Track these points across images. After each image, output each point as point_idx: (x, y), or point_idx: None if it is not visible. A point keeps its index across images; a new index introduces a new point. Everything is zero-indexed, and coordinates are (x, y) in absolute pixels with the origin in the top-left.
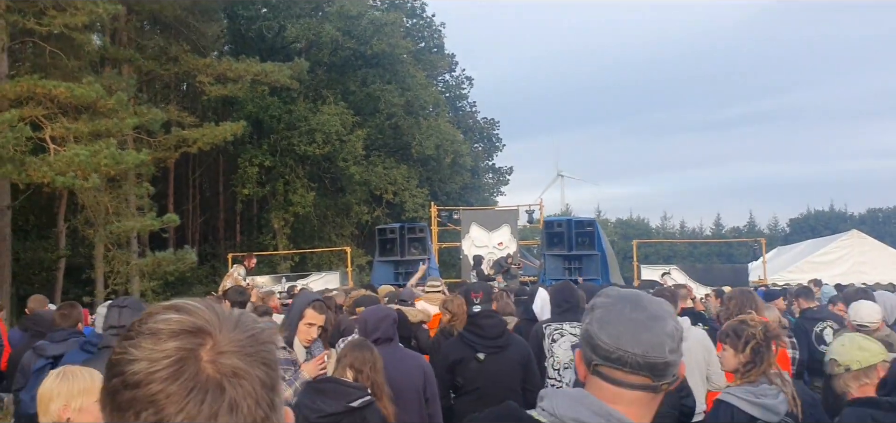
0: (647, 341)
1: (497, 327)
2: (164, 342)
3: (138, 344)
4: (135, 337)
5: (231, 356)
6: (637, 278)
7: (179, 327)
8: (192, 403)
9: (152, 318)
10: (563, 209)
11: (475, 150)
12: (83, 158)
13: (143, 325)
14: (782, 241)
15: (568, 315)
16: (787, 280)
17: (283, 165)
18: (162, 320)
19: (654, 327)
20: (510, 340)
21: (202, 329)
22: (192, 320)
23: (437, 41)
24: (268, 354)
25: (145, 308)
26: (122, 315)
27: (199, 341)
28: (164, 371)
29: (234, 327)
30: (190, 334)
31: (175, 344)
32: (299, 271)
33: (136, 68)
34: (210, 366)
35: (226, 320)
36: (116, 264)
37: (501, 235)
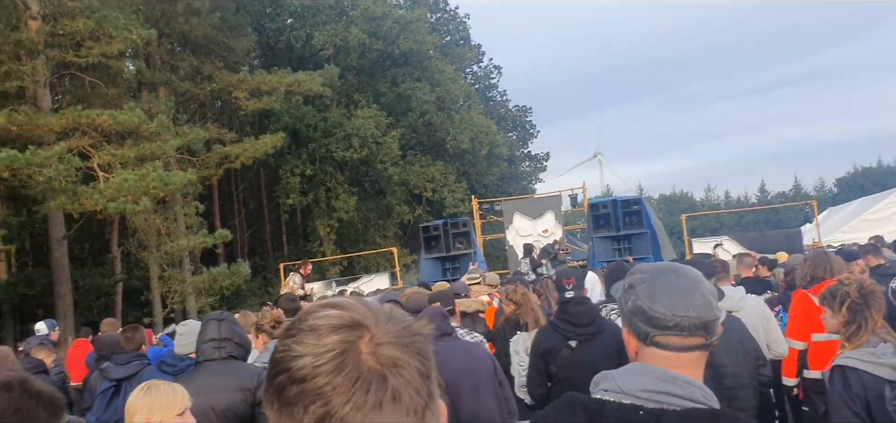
0: (699, 303)
1: (588, 314)
2: (326, 337)
3: (301, 341)
4: (296, 334)
5: (389, 347)
6: (689, 253)
7: (338, 321)
8: (357, 393)
9: (312, 315)
10: (604, 191)
11: (509, 139)
12: (132, 183)
13: (302, 322)
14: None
15: None
16: (841, 241)
17: (323, 173)
18: (321, 317)
19: (699, 288)
20: (603, 325)
21: (359, 323)
22: (349, 315)
23: (463, 33)
24: (421, 344)
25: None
26: (222, 328)
27: (357, 334)
28: (328, 365)
29: (388, 320)
30: (348, 327)
31: (336, 338)
32: (348, 275)
33: (172, 90)
34: (370, 357)
35: (380, 314)
36: (172, 283)
37: (546, 222)
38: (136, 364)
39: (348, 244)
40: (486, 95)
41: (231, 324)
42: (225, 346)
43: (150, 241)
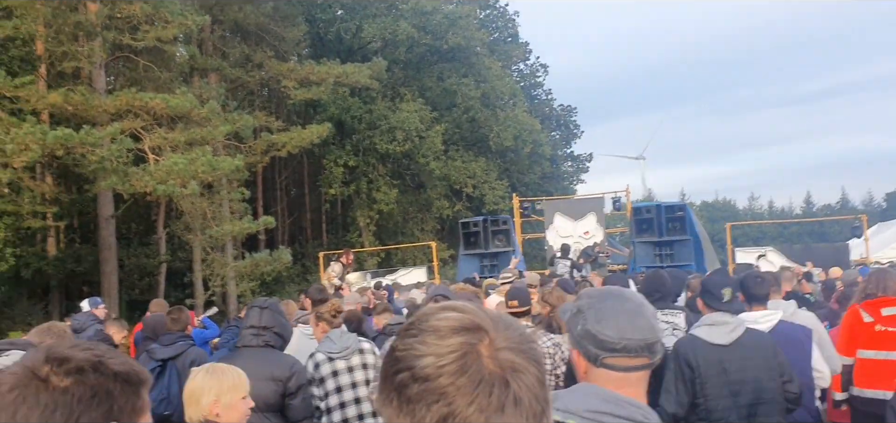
0: (644, 326)
1: None
2: (448, 338)
3: (424, 340)
4: (418, 334)
5: (508, 352)
6: (732, 262)
7: (459, 324)
8: (481, 395)
9: (433, 316)
10: (646, 194)
11: (553, 138)
12: (181, 167)
13: (423, 323)
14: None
15: (660, 303)
16: (890, 258)
17: (366, 164)
18: (442, 318)
19: (643, 312)
20: None
21: (480, 326)
22: (470, 318)
23: (512, 31)
24: (537, 353)
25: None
26: (263, 316)
27: (478, 337)
28: (452, 365)
29: (506, 327)
30: (469, 330)
31: (458, 340)
32: (385, 267)
33: (223, 76)
34: (491, 361)
35: (498, 320)
36: (215, 267)
37: (587, 223)
38: (181, 344)
39: (387, 236)
40: (531, 93)
41: (273, 313)
42: (264, 334)
43: (196, 224)
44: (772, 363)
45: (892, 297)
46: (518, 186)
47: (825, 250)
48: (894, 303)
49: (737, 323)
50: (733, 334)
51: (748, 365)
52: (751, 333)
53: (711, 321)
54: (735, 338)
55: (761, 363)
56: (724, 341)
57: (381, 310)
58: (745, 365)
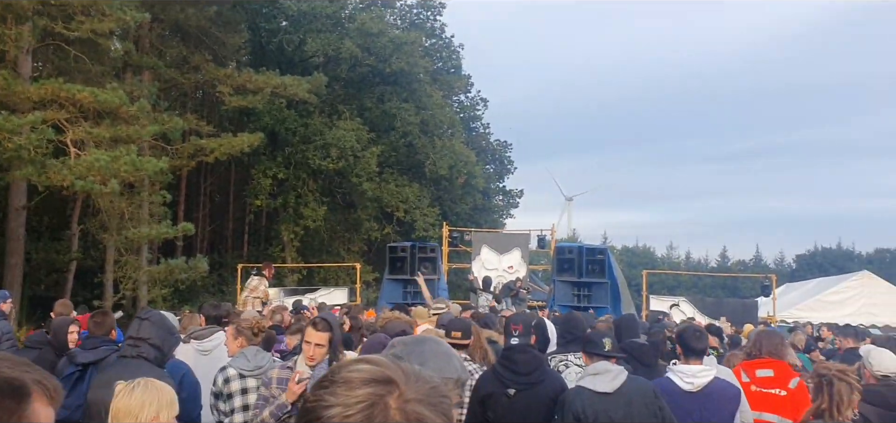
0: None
1: (530, 363)
2: (357, 389)
3: (334, 392)
4: (329, 386)
5: (416, 404)
6: (646, 308)
7: (370, 375)
8: None
9: (346, 368)
10: (570, 234)
11: (487, 171)
12: (104, 164)
13: (335, 375)
14: (788, 277)
15: (573, 346)
16: (795, 318)
17: (296, 178)
18: (354, 370)
19: (453, 355)
20: (544, 375)
21: (390, 379)
22: (381, 370)
23: (455, 62)
24: (447, 406)
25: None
26: (142, 328)
27: (388, 389)
28: (357, 415)
29: (417, 380)
30: (379, 382)
31: (366, 391)
32: (307, 285)
33: (157, 76)
34: (398, 413)
35: (410, 372)
36: (128, 269)
37: (512, 258)
38: (104, 349)
39: (311, 254)
40: (470, 125)
41: (153, 325)
42: (139, 346)
43: (112, 224)
44: (653, 409)
45: (767, 358)
46: (449, 215)
47: (735, 305)
48: (768, 365)
49: (618, 371)
50: (615, 382)
51: (632, 411)
52: (632, 380)
53: (595, 371)
54: (617, 386)
55: (643, 410)
56: (608, 390)
57: (295, 330)
58: (629, 411)
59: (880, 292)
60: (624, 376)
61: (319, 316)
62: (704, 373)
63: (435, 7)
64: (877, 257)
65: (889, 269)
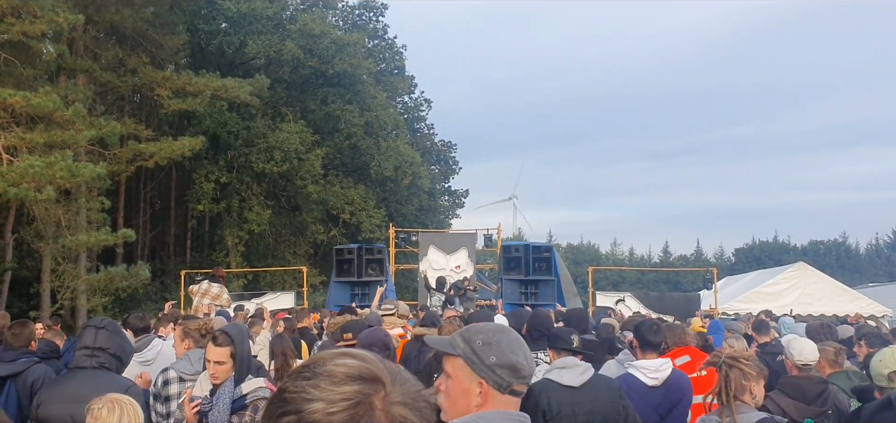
0: (530, 357)
1: None
2: (342, 385)
3: (317, 385)
4: (311, 377)
5: (401, 407)
6: (592, 304)
7: (357, 372)
8: None
9: (330, 361)
10: (516, 233)
11: (432, 172)
12: (38, 170)
13: (318, 366)
14: (728, 270)
15: (541, 343)
16: (736, 310)
17: (239, 182)
18: (340, 364)
19: (524, 342)
20: None
21: (377, 378)
22: (368, 368)
23: (398, 63)
24: (429, 411)
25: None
26: (99, 337)
27: (374, 388)
28: (342, 414)
29: (403, 382)
30: (366, 380)
31: (352, 388)
32: (252, 289)
33: (93, 79)
34: (383, 414)
35: (396, 373)
36: (66, 278)
37: (459, 258)
38: (23, 361)
39: (256, 258)
40: (414, 126)
41: (110, 334)
42: (99, 356)
43: (48, 232)
44: (617, 406)
45: (683, 347)
46: (395, 216)
47: (678, 299)
48: (684, 352)
49: (585, 367)
50: (583, 376)
51: (597, 408)
52: (599, 376)
53: (563, 365)
54: (584, 381)
55: (608, 407)
56: (575, 384)
57: None
58: (595, 407)
59: (815, 282)
60: (591, 371)
61: (220, 329)
62: (665, 367)
63: (377, 8)
64: (811, 249)
65: (823, 260)
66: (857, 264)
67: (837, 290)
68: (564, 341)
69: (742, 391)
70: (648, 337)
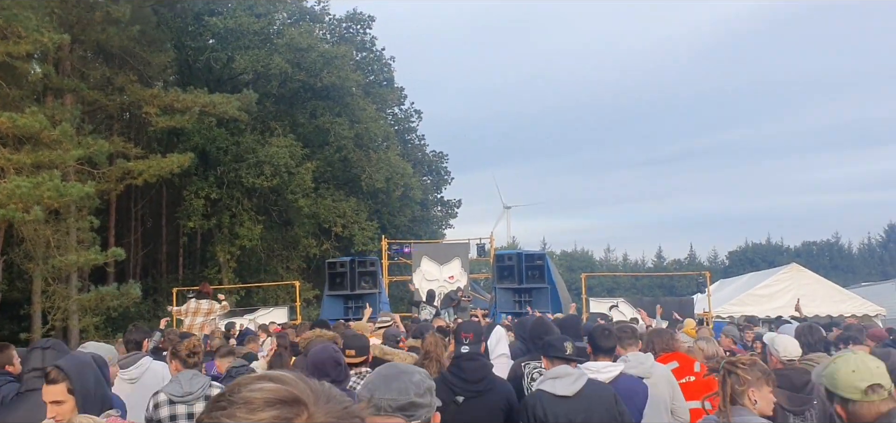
0: (397, 388)
1: (479, 371)
2: (260, 412)
3: (232, 414)
4: (227, 407)
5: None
6: (586, 311)
7: (275, 396)
8: None
9: (246, 387)
10: (510, 242)
11: (424, 183)
12: (25, 191)
13: (234, 394)
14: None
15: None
16: (729, 313)
17: (229, 198)
18: (256, 389)
19: (402, 378)
20: (493, 384)
21: (298, 399)
22: (287, 390)
23: (387, 75)
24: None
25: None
26: (46, 357)
27: (294, 411)
28: None
29: (327, 400)
30: (286, 403)
31: (271, 414)
32: (245, 305)
33: (80, 98)
34: None
35: (320, 391)
36: (56, 299)
37: (452, 268)
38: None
39: (249, 274)
40: (405, 137)
41: (57, 353)
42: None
43: (38, 253)
44: (613, 412)
45: (671, 353)
46: (388, 228)
47: (672, 304)
48: (673, 358)
49: (578, 374)
50: (576, 385)
51: (593, 416)
52: (592, 384)
53: (555, 374)
54: (578, 389)
55: (604, 414)
56: (568, 393)
57: (225, 353)
58: (590, 417)
59: (808, 283)
60: (584, 379)
61: (54, 364)
62: (609, 369)
63: (364, 20)
64: (804, 250)
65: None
66: (851, 264)
67: (830, 290)
68: (558, 350)
69: (740, 395)
70: (600, 342)
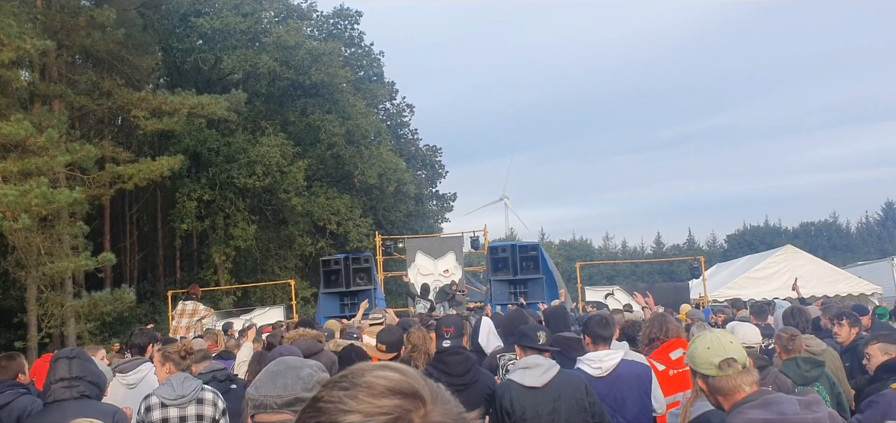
0: (283, 384)
1: (463, 364)
2: (382, 399)
3: (355, 395)
4: (349, 387)
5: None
6: (582, 300)
7: (397, 386)
8: None
9: (370, 372)
10: (508, 233)
11: (418, 177)
12: (13, 199)
13: (358, 377)
14: (721, 257)
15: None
16: (726, 297)
17: (223, 199)
18: (380, 376)
19: (288, 373)
20: (477, 376)
21: (418, 394)
22: (409, 383)
23: (377, 70)
24: None
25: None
26: (72, 367)
27: (414, 404)
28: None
29: (445, 401)
30: (407, 395)
31: (392, 402)
32: (242, 305)
33: (68, 104)
34: None
35: (437, 391)
36: (50, 306)
37: (447, 262)
38: (10, 394)
39: (245, 274)
40: (398, 132)
41: (83, 362)
42: (76, 385)
43: (29, 260)
44: (583, 403)
45: (675, 339)
46: (384, 224)
47: (667, 289)
48: (679, 345)
49: (549, 365)
50: (546, 376)
51: (560, 407)
52: (564, 374)
53: (525, 365)
54: (547, 381)
55: (573, 405)
56: (537, 384)
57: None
58: (558, 407)
59: (804, 264)
60: (555, 370)
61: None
62: (610, 357)
63: (352, 16)
64: (802, 231)
65: (813, 241)
66: (849, 243)
67: (826, 271)
68: (530, 340)
69: None
70: (598, 331)
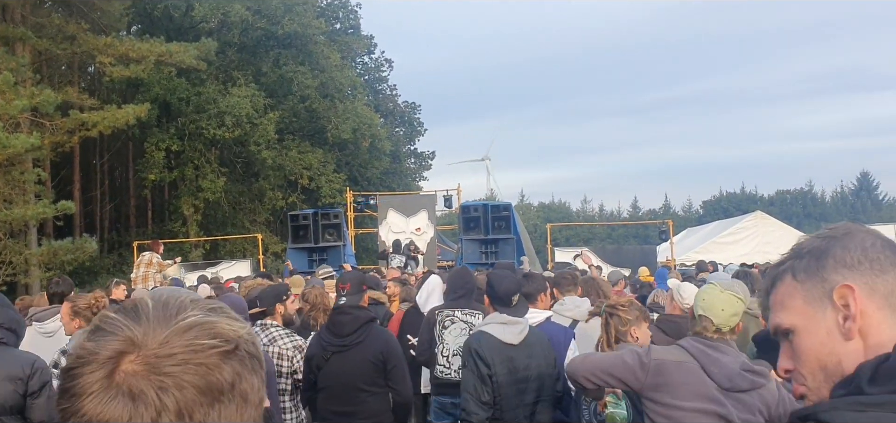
0: None
1: (349, 324)
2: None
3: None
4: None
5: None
6: (551, 261)
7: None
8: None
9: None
10: (489, 194)
11: (396, 134)
12: None
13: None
14: (696, 222)
15: (462, 301)
16: (694, 260)
17: (192, 150)
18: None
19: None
20: (364, 336)
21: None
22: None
23: (354, 22)
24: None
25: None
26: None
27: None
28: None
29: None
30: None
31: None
32: (211, 258)
33: (31, 48)
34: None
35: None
36: (9, 254)
37: (419, 220)
38: None
39: (215, 227)
40: (376, 87)
41: (1, 307)
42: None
43: None
44: (550, 359)
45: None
46: (360, 180)
47: (635, 252)
48: None
49: (524, 324)
50: (521, 334)
51: (532, 363)
52: (533, 332)
53: (503, 321)
54: (523, 338)
55: (542, 362)
56: (515, 341)
57: None
58: (530, 363)
59: (773, 230)
60: (527, 329)
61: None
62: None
63: None
64: (778, 199)
65: (789, 208)
66: (823, 211)
67: (795, 237)
68: (503, 302)
69: (623, 335)
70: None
